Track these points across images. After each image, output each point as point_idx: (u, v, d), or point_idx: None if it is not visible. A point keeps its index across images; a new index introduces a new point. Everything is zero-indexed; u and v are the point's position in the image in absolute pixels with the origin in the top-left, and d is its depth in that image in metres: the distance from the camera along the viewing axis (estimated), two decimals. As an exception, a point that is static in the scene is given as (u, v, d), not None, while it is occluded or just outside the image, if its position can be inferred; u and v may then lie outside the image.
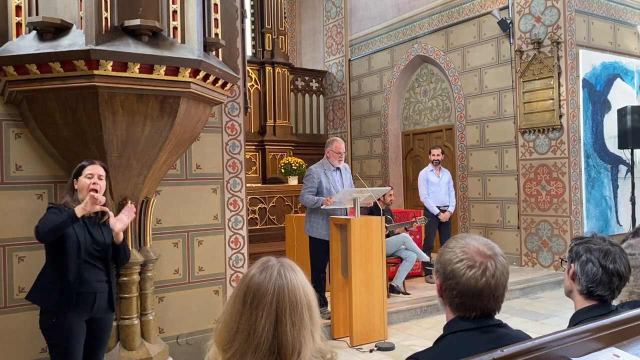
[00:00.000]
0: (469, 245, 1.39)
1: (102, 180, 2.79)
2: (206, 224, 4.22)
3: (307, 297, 1.20)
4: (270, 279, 1.18)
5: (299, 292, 1.18)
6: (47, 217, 2.63)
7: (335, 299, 4.72)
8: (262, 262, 1.24)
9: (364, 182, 5.52)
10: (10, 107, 3.36)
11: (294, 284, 1.19)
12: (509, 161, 7.56)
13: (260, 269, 1.21)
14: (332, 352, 1.24)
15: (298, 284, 1.19)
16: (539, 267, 7.12)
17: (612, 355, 1.13)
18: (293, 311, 1.16)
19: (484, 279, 1.34)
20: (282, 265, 1.22)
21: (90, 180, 2.74)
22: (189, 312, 4.06)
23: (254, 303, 1.16)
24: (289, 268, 1.22)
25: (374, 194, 4.84)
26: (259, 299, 1.16)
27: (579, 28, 6.96)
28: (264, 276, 1.19)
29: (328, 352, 1.23)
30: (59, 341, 2.71)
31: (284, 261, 1.24)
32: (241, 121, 4.45)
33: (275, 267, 1.21)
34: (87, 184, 2.74)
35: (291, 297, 1.17)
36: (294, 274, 1.21)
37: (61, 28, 2.87)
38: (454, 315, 1.42)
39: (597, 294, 1.67)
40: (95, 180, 2.75)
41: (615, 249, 1.68)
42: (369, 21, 10.01)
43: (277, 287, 1.17)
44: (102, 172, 2.80)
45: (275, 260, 1.23)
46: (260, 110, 9.62)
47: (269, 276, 1.18)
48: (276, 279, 1.18)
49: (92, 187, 2.73)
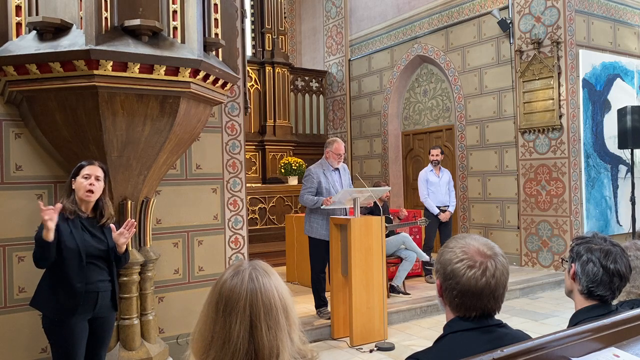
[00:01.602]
0: (469, 245, 1.39)
1: (100, 181, 2.78)
2: (206, 224, 4.22)
3: (282, 299, 1.17)
4: (242, 284, 1.15)
5: (272, 295, 1.16)
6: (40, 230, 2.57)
7: (335, 299, 4.72)
8: (235, 266, 1.21)
9: (364, 182, 5.53)
10: (10, 107, 3.36)
11: (267, 287, 1.17)
12: (509, 161, 7.56)
13: (232, 274, 1.18)
14: (312, 352, 1.22)
15: (271, 287, 1.17)
16: (539, 267, 7.12)
17: (612, 355, 1.12)
18: (268, 315, 1.14)
19: (484, 279, 1.34)
20: (254, 268, 1.20)
21: (86, 182, 2.73)
22: (189, 312, 4.06)
23: (227, 310, 1.14)
24: (261, 271, 1.19)
25: (373, 194, 4.84)
26: (231, 306, 1.14)
27: (579, 28, 6.96)
28: (235, 281, 1.16)
29: (308, 352, 1.21)
30: (61, 340, 2.71)
31: (256, 264, 1.22)
32: (241, 121, 4.45)
33: (247, 271, 1.18)
34: (83, 184, 2.73)
35: (265, 301, 1.15)
36: (267, 276, 1.19)
37: (61, 28, 2.87)
38: (454, 315, 1.42)
39: (598, 294, 1.67)
40: (92, 181, 2.74)
41: (616, 249, 1.68)
42: (369, 21, 10.01)
43: (249, 291, 1.14)
44: (99, 173, 2.79)
45: (247, 264, 1.21)
46: (260, 110, 9.62)
47: (241, 281, 1.16)
48: (248, 283, 1.16)
49: (88, 188, 2.73)
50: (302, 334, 1.22)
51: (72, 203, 2.74)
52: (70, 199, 2.75)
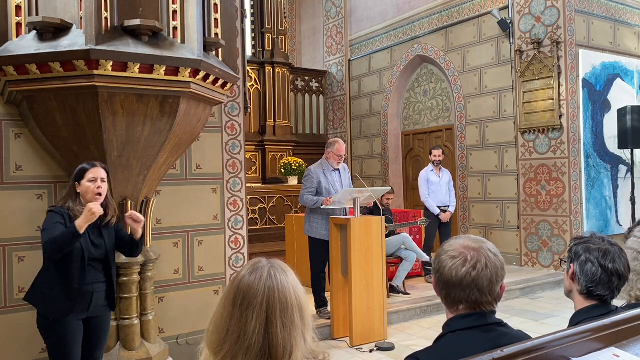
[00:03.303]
0: (458, 240, 1.44)
1: (105, 182, 2.78)
2: (206, 224, 4.22)
3: (297, 298, 1.18)
4: (261, 280, 1.17)
5: (289, 294, 1.17)
6: (52, 229, 2.59)
7: (335, 299, 4.72)
8: (253, 263, 1.22)
9: (364, 182, 5.52)
10: (10, 107, 3.36)
11: (285, 285, 1.18)
12: (509, 161, 7.56)
13: (250, 270, 1.20)
14: (324, 354, 1.22)
15: (289, 285, 1.18)
16: (539, 267, 7.12)
17: (612, 355, 1.12)
18: (284, 312, 1.15)
19: (464, 269, 1.36)
20: (273, 266, 1.21)
21: (94, 185, 2.72)
22: (189, 312, 4.06)
23: (244, 305, 1.15)
24: (279, 269, 1.21)
25: (373, 194, 4.84)
26: (249, 301, 1.15)
27: (579, 28, 6.96)
28: (254, 277, 1.17)
29: (320, 354, 1.21)
30: (56, 340, 2.71)
31: (274, 262, 1.23)
32: (241, 121, 4.45)
33: (266, 269, 1.19)
34: (91, 188, 2.71)
35: (282, 299, 1.16)
36: (285, 275, 1.20)
37: (61, 28, 2.87)
38: (453, 313, 1.42)
39: (597, 293, 1.67)
40: (99, 184, 2.73)
41: (615, 248, 1.68)
42: (369, 21, 10.01)
43: (267, 288, 1.15)
44: (104, 175, 2.78)
45: (266, 262, 1.22)
46: (260, 110, 9.62)
47: (259, 277, 1.17)
48: (266, 280, 1.17)
49: (97, 192, 2.71)
50: (315, 335, 1.23)
51: (81, 205, 2.71)
52: (78, 202, 2.73)
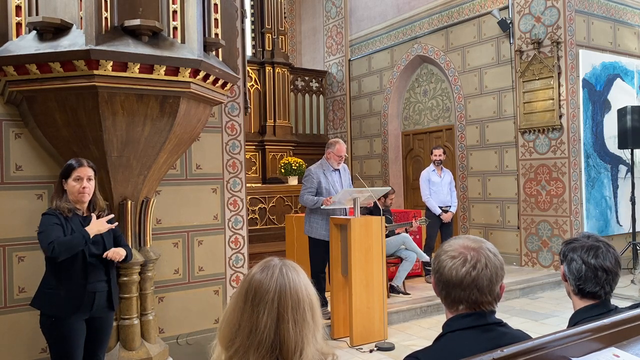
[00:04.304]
0: (458, 240, 1.44)
1: (92, 180, 2.80)
2: (206, 224, 4.22)
3: (309, 296, 1.20)
4: (272, 277, 1.19)
5: (301, 291, 1.19)
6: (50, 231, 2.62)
7: (335, 299, 4.72)
8: (265, 261, 1.25)
9: (364, 182, 5.52)
10: (10, 107, 3.36)
11: (297, 282, 1.20)
12: (509, 161, 7.55)
13: (262, 268, 1.22)
14: (333, 355, 1.23)
15: (300, 283, 1.20)
16: (539, 267, 7.12)
17: (612, 355, 1.12)
18: (295, 309, 1.16)
19: (464, 269, 1.36)
20: (285, 264, 1.23)
21: (79, 185, 2.75)
22: (189, 312, 4.06)
23: (255, 300, 1.16)
24: (291, 268, 1.23)
25: (374, 194, 4.84)
26: (260, 296, 1.16)
27: (579, 28, 6.96)
28: (265, 274, 1.20)
29: (330, 355, 1.22)
30: (58, 340, 2.72)
31: (286, 262, 1.25)
32: (241, 121, 4.45)
33: (278, 267, 1.22)
34: (76, 188, 2.75)
35: (293, 295, 1.17)
36: (296, 273, 1.22)
37: (61, 28, 2.87)
38: (452, 313, 1.42)
39: (588, 290, 1.69)
40: (84, 184, 2.76)
41: (599, 244, 1.70)
42: (369, 21, 10.01)
43: (278, 285, 1.17)
44: (90, 174, 2.80)
45: (278, 260, 1.25)
46: (260, 110, 9.62)
47: (271, 274, 1.19)
48: (278, 277, 1.19)
49: (81, 191, 2.75)
50: (325, 335, 1.24)
51: (67, 202, 2.75)
52: (64, 199, 2.76)
